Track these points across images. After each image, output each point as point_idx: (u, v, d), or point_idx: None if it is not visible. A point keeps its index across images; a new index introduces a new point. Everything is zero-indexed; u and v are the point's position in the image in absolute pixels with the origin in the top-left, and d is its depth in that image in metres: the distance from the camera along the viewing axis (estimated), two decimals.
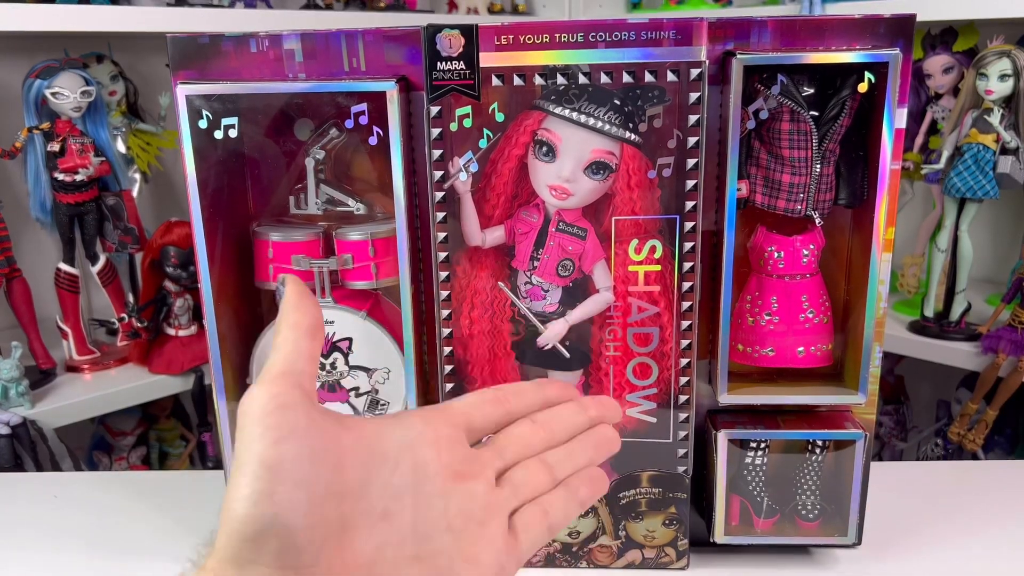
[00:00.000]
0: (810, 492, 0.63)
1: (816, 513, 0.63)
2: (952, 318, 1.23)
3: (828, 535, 0.63)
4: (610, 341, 0.58)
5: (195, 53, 0.56)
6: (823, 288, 0.61)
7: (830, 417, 0.62)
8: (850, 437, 0.60)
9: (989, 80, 1.09)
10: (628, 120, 0.54)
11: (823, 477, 0.62)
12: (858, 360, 0.59)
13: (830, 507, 0.63)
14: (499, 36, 0.52)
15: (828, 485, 0.63)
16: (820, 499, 0.63)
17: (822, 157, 0.57)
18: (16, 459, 1.01)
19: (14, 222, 1.16)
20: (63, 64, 1.09)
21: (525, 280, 0.58)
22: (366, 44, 0.56)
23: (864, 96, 0.56)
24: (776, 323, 0.60)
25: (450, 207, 0.56)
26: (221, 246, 0.60)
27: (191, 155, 0.56)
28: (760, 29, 0.55)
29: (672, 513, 0.62)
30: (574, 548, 0.63)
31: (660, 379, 0.59)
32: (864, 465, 0.60)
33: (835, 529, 0.63)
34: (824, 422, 0.61)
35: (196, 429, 1.33)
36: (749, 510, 0.63)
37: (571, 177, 0.55)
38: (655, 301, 0.57)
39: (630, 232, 0.56)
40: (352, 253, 0.61)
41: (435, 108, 0.54)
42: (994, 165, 1.10)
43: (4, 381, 1.04)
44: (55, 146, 1.09)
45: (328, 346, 0.62)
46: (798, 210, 0.58)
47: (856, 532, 0.62)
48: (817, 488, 0.63)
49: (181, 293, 1.18)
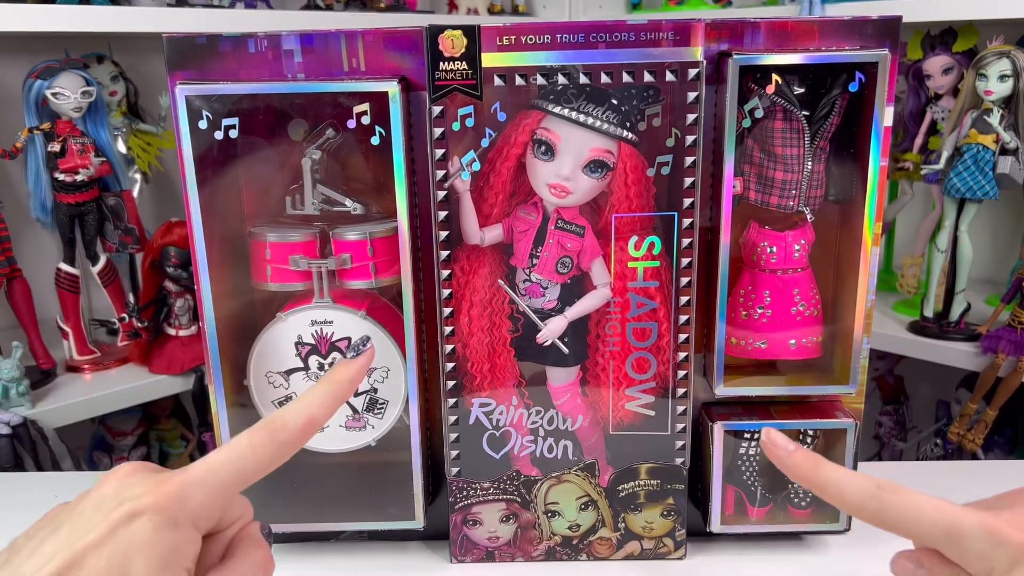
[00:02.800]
0: None
1: (808, 501, 0.64)
2: (952, 318, 1.24)
3: (820, 522, 0.65)
4: (609, 336, 0.59)
5: (192, 53, 0.57)
6: (813, 282, 0.62)
7: (821, 407, 0.63)
8: (841, 426, 0.62)
9: (989, 81, 1.10)
10: (626, 119, 0.54)
11: None
12: (848, 352, 0.60)
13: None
14: (501, 36, 0.53)
15: None
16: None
17: (813, 154, 0.58)
18: (16, 459, 1.02)
19: (14, 222, 1.17)
20: (63, 64, 1.09)
21: (524, 277, 0.59)
22: (366, 44, 0.56)
23: (853, 95, 0.57)
24: (769, 316, 0.61)
25: (452, 206, 0.56)
26: (219, 247, 0.60)
27: (190, 156, 0.57)
28: (754, 30, 0.56)
29: (670, 504, 0.63)
30: (574, 541, 0.64)
31: (658, 373, 0.59)
32: (854, 453, 0.62)
33: (826, 516, 0.64)
34: (815, 412, 0.63)
35: (196, 429, 1.33)
36: (743, 500, 0.65)
37: (570, 175, 0.56)
38: (653, 297, 0.58)
39: (629, 229, 0.57)
40: (351, 253, 0.61)
41: (437, 108, 0.54)
42: (994, 165, 1.10)
43: (4, 381, 1.04)
44: (55, 146, 1.10)
45: (327, 346, 0.62)
46: (790, 206, 0.59)
47: (847, 518, 0.64)
48: None
49: (181, 293, 1.18)
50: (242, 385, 0.63)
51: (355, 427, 0.64)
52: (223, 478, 0.37)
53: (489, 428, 0.61)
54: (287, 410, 0.41)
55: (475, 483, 0.63)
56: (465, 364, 0.60)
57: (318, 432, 0.42)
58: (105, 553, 0.34)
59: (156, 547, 0.34)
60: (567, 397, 0.61)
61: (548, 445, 0.62)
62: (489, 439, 0.61)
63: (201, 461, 0.38)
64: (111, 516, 0.34)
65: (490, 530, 0.64)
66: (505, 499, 0.63)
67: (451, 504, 0.63)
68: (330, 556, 0.66)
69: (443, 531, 0.65)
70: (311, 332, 0.61)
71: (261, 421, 0.40)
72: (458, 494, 0.63)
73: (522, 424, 0.61)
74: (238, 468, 0.38)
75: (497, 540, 0.64)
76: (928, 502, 0.38)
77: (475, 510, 0.63)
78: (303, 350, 0.62)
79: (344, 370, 0.44)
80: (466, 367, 0.60)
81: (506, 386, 0.60)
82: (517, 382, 0.61)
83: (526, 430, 0.61)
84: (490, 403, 0.60)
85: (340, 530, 0.67)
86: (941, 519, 0.38)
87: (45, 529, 0.36)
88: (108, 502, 0.35)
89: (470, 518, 0.64)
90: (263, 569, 0.40)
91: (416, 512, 0.64)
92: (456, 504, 0.63)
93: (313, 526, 0.65)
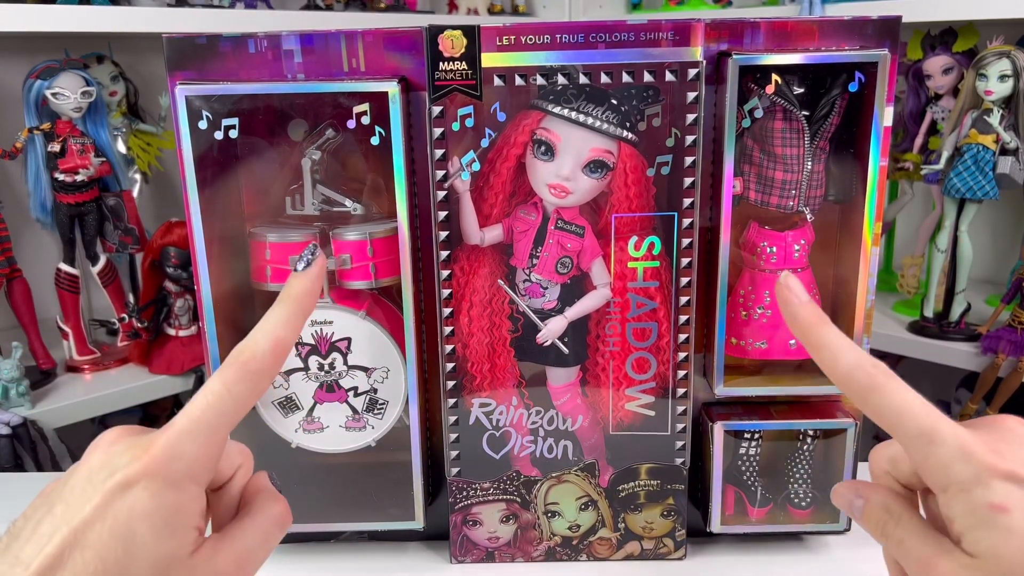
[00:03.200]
0: (802, 481, 0.64)
1: (808, 501, 0.64)
2: (952, 318, 1.24)
3: (820, 522, 0.65)
4: (609, 336, 0.59)
5: (192, 54, 0.57)
6: (814, 282, 0.62)
7: (821, 407, 0.63)
8: (841, 426, 0.62)
9: (989, 81, 1.10)
10: (625, 119, 0.54)
11: (815, 466, 0.64)
12: None
13: (821, 495, 0.64)
14: (500, 37, 0.53)
15: (819, 474, 0.64)
16: (812, 487, 0.64)
17: (813, 155, 0.58)
18: (16, 459, 1.02)
19: (14, 222, 1.17)
20: (63, 64, 1.09)
21: (524, 278, 0.59)
22: (366, 45, 0.56)
23: (853, 95, 0.57)
24: (769, 316, 0.61)
25: (452, 206, 0.56)
26: (219, 247, 0.60)
27: (189, 156, 0.57)
28: (753, 30, 0.56)
29: (670, 504, 0.63)
30: (574, 541, 0.64)
31: (658, 373, 0.59)
32: (854, 453, 0.62)
33: (827, 516, 0.64)
34: (815, 412, 0.63)
35: None
36: (744, 500, 0.64)
37: (570, 176, 0.56)
38: (653, 297, 0.58)
39: (629, 229, 0.57)
40: (350, 253, 0.61)
41: (437, 108, 0.54)
42: (994, 166, 1.11)
43: (4, 381, 1.04)
44: (55, 146, 1.10)
45: (327, 346, 0.62)
46: (790, 206, 0.59)
47: (847, 519, 0.64)
48: (809, 477, 0.64)
49: (181, 293, 1.18)
50: None
51: (355, 427, 0.64)
52: (207, 424, 0.36)
53: (489, 428, 0.61)
54: (251, 339, 0.39)
55: (475, 483, 0.63)
56: (465, 364, 0.60)
57: (287, 356, 0.39)
58: (107, 527, 0.33)
59: (158, 512, 0.34)
60: (567, 397, 0.61)
61: (548, 445, 0.62)
62: (489, 439, 0.61)
63: (181, 414, 0.36)
64: (104, 488, 0.34)
65: (490, 530, 0.64)
66: (505, 499, 0.63)
67: (451, 504, 0.63)
68: (330, 556, 0.67)
69: (443, 531, 0.65)
70: (311, 332, 0.61)
71: (228, 358, 0.38)
72: (458, 494, 0.63)
73: (522, 424, 0.61)
74: (219, 411, 0.36)
75: (497, 540, 0.64)
76: (916, 399, 0.37)
77: (475, 510, 0.63)
78: (303, 350, 0.62)
79: (299, 283, 0.41)
80: (466, 367, 0.60)
81: (506, 386, 0.60)
82: (517, 382, 0.61)
83: (526, 430, 0.61)
84: (490, 403, 0.60)
85: (340, 531, 0.67)
86: (923, 418, 0.36)
87: (40, 509, 0.35)
88: (98, 474, 0.34)
89: (470, 518, 0.64)
90: (281, 522, 0.40)
91: (416, 512, 0.64)
92: (456, 504, 0.63)
93: (313, 526, 0.65)
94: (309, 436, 0.64)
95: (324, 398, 0.63)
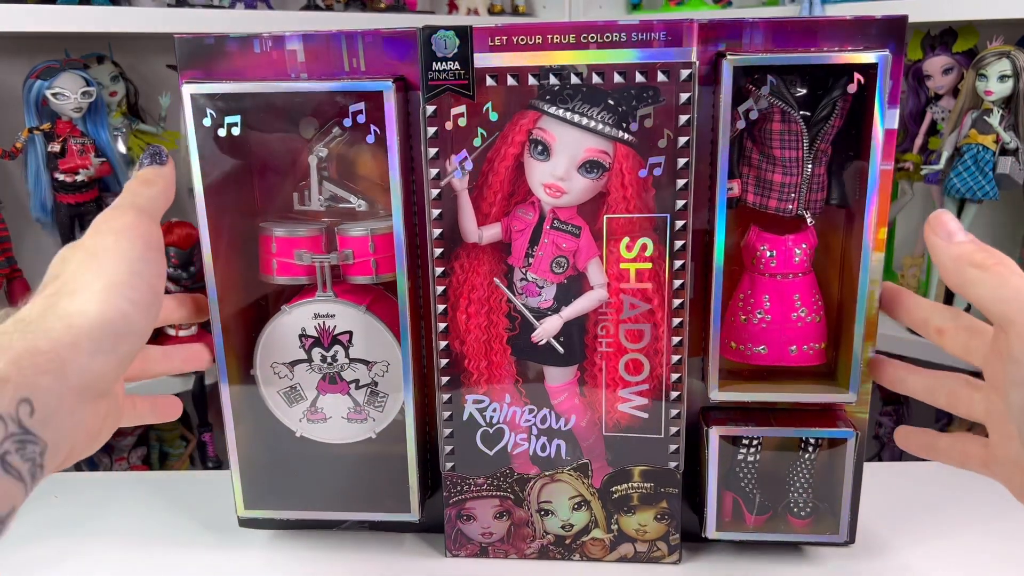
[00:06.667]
0: (802, 490, 0.63)
1: (808, 511, 0.63)
2: None
3: (820, 533, 0.63)
4: (603, 337, 0.59)
5: (201, 53, 0.58)
6: (816, 287, 0.61)
7: (822, 415, 0.62)
8: (842, 436, 0.60)
9: (989, 81, 1.09)
10: (622, 120, 0.54)
11: (815, 475, 0.63)
12: (850, 359, 0.59)
13: (822, 505, 0.63)
14: (493, 37, 0.53)
15: (820, 483, 0.63)
16: (812, 497, 0.63)
17: (814, 157, 0.57)
18: None
19: (15, 222, 1.18)
20: (64, 65, 1.10)
21: (520, 276, 0.59)
22: (366, 45, 0.57)
23: (855, 97, 0.56)
24: (768, 321, 0.61)
25: (446, 204, 0.57)
26: (227, 240, 0.62)
27: (195, 152, 0.58)
28: (752, 30, 0.55)
29: (664, 508, 0.62)
30: (567, 541, 0.64)
31: (652, 375, 0.59)
32: (856, 464, 0.61)
33: (827, 527, 0.63)
34: (816, 420, 0.61)
35: (196, 429, 1.34)
36: (741, 506, 0.64)
37: (565, 176, 0.56)
38: (648, 299, 0.58)
39: (622, 230, 0.57)
40: (353, 249, 0.62)
41: (431, 107, 0.55)
42: (994, 166, 1.09)
43: None
44: (56, 147, 1.11)
45: (329, 339, 0.63)
46: (789, 209, 0.59)
47: (848, 530, 0.62)
48: (809, 486, 0.63)
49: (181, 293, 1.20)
50: (248, 375, 0.64)
51: (357, 419, 0.65)
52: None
53: (483, 425, 0.62)
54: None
55: (469, 478, 0.63)
56: (462, 361, 0.60)
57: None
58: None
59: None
60: (564, 396, 0.62)
61: (541, 444, 0.62)
62: (483, 435, 0.62)
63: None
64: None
65: (484, 526, 0.64)
66: (499, 495, 0.64)
67: (445, 498, 0.64)
68: (328, 545, 0.68)
69: (440, 524, 0.65)
70: (314, 325, 0.63)
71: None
72: (452, 488, 0.64)
73: (516, 422, 0.62)
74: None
75: (491, 536, 0.65)
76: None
77: (469, 505, 0.64)
78: (307, 342, 0.63)
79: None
80: (463, 364, 0.61)
81: (501, 383, 0.61)
82: (514, 380, 0.61)
83: (520, 428, 0.62)
84: (484, 400, 0.61)
85: (341, 519, 0.68)
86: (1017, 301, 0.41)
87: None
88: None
89: (464, 513, 0.64)
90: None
91: (412, 505, 0.65)
92: (450, 498, 0.64)
93: (311, 514, 0.66)
94: (313, 426, 0.65)
95: (327, 389, 0.64)
